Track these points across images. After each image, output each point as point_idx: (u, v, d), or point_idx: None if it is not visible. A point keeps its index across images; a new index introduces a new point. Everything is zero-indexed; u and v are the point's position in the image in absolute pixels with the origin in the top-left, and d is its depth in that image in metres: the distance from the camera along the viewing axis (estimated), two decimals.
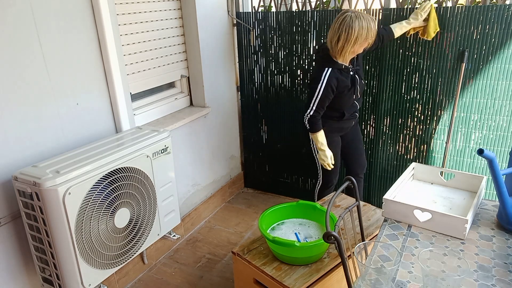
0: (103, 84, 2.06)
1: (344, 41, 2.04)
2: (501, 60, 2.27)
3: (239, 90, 3.23)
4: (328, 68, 2.12)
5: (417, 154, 2.68)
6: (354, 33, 2.00)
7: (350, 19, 2.00)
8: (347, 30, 2.00)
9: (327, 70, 2.11)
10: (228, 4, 2.94)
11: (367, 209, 2.16)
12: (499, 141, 2.42)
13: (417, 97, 2.56)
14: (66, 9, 1.82)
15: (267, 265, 1.71)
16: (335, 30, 2.04)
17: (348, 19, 2.00)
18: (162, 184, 2.09)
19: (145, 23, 2.39)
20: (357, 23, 1.99)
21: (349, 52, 2.08)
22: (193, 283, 2.40)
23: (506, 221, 1.38)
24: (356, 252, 1.15)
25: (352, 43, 2.03)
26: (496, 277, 1.16)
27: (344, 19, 2.01)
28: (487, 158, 1.25)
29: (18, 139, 1.70)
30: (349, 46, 2.05)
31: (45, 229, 1.62)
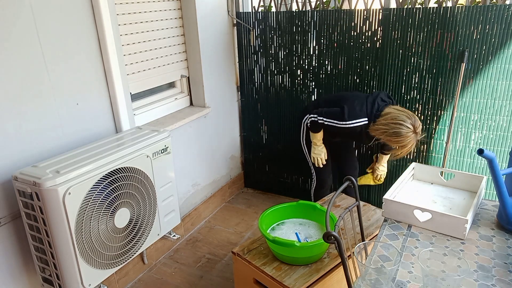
0: (103, 84, 2.06)
1: (385, 137, 2.11)
2: (501, 60, 2.27)
3: (239, 90, 3.23)
4: (367, 122, 2.18)
5: (417, 154, 2.68)
6: (398, 141, 2.07)
7: (410, 136, 2.04)
8: (397, 138, 2.06)
9: (364, 122, 2.18)
10: (228, 4, 2.94)
11: (367, 209, 2.15)
12: (499, 141, 2.42)
13: (417, 97, 2.56)
14: (66, 9, 1.82)
15: (267, 265, 1.71)
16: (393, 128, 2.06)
17: (410, 135, 2.04)
18: (162, 184, 2.09)
19: (145, 23, 2.39)
20: (409, 141, 2.05)
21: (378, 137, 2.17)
22: (193, 283, 2.40)
23: (506, 221, 1.38)
24: (356, 252, 1.15)
25: (387, 140, 2.12)
26: (496, 277, 1.16)
27: (406, 133, 2.04)
28: (487, 158, 1.25)
29: (18, 139, 1.70)
30: (383, 139, 2.13)
31: (45, 229, 1.62)
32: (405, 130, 2.02)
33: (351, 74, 2.71)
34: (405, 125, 2.02)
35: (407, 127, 2.02)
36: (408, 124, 2.03)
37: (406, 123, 2.02)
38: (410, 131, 2.02)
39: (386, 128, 2.07)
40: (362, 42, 2.61)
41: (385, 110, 2.14)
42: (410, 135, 2.02)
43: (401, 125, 2.03)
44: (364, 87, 2.70)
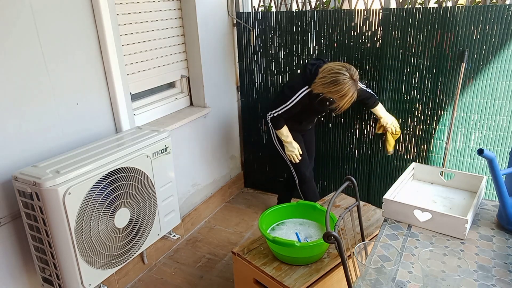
0: (103, 84, 2.06)
1: (325, 89, 2.16)
2: (501, 60, 2.27)
3: (239, 90, 3.23)
4: (308, 88, 2.26)
5: (417, 154, 2.68)
6: (337, 90, 2.11)
7: (348, 83, 2.10)
8: (336, 87, 2.11)
9: (306, 89, 2.27)
10: (228, 4, 2.94)
11: (367, 209, 2.16)
12: (499, 141, 2.42)
13: (417, 97, 2.56)
14: (66, 9, 1.82)
15: (267, 265, 1.71)
16: (330, 78, 2.12)
17: (347, 81, 2.10)
18: (162, 184, 2.09)
19: (145, 23, 2.39)
20: (348, 88, 2.10)
21: (320, 92, 2.21)
22: (193, 283, 2.40)
23: (506, 221, 1.38)
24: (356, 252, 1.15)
25: (328, 92, 2.16)
26: (496, 277, 1.16)
27: (344, 80, 2.10)
28: (487, 158, 1.25)
29: (18, 139, 1.70)
30: (325, 92, 2.18)
31: (45, 229, 1.62)
32: (342, 77, 2.08)
33: None
34: (341, 72, 2.09)
35: (344, 74, 2.09)
36: (344, 71, 2.09)
37: (342, 71, 2.09)
38: (347, 77, 2.08)
39: (324, 80, 2.13)
40: (362, 42, 2.61)
41: (320, 69, 2.20)
42: (347, 82, 2.08)
43: (338, 73, 2.09)
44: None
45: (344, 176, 2.98)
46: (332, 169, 3.03)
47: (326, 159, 3.01)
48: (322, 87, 2.15)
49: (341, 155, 2.95)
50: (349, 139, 2.87)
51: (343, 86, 2.08)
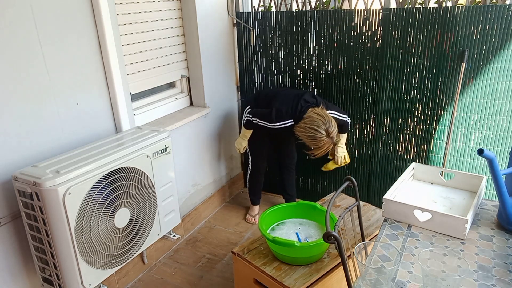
0: (103, 84, 2.06)
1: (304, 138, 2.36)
2: (501, 60, 2.27)
3: (239, 90, 3.23)
4: (292, 123, 2.43)
5: (417, 154, 2.68)
6: (313, 143, 2.32)
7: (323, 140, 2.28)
8: (313, 141, 2.31)
9: (290, 123, 2.44)
10: (228, 4, 2.94)
11: (367, 209, 2.15)
12: (499, 141, 2.42)
13: (417, 97, 2.56)
14: (66, 9, 1.82)
15: (267, 265, 1.71)
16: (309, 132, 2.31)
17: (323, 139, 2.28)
18: (162, 184, 2.09)
19: (145, 23, 2.39)
20: (322, 144, 2.30)
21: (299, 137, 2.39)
22: (193, 283, 2.40)
23: (506, 221, 1.38)
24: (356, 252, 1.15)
25: (306, 141, 2.36)
26: (496, 277, 1.16)
27: (320, 137, 2.28)
28: (487, 158, 1.25)
29: (18, 139, 1.70)
30: (303, 139, 2.36)
31: (45, 229, 1.62)
32: (319, 135, 2.27)
33: (351, 74, 2.72)
34: (319, 130, 2.27)
35: (321, 132, 2.27)
36: (322, 130, 2.26)
37: (320, 129, 2.26)
38: (323, 136, 2.27)
39: (304, 131, 2.32)
40: (362, 42, 2.61)
41: (307, 113, 2.35)
42: (323, 139, 2.28)
43: (316, 131, 2.27)
44: (364, 87, 2.70)
45: (344, 176, 2.98)
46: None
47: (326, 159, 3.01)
48: (302, 135, 2.34)
49: None
50: (349, 139, 2.87)
51: (318, 142, 2.29)
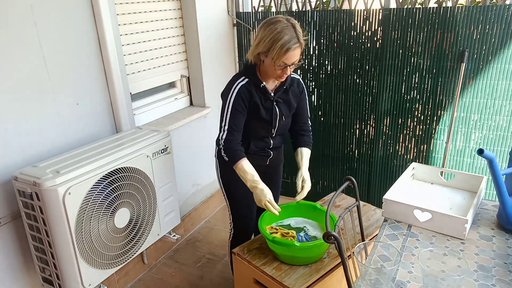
0: (103, 84, 2.06)
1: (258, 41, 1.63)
2: (501, 60, 2.27)
3: None
4: (244, 77, 1.71)
5: (417, 154, 2.68)
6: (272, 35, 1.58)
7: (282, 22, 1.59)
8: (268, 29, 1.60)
9: (242, 79, 1.71)
10: (228, 4, 2.94)
11: (367, 209, 2.15)
12: (499, 141, 2.42)
13: (417, 97, 2.56)
14: (66, 9, 1.82)
15: (267, 265, 1.71)
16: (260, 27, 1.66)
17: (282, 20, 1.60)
18: (162, 184, 2.09)
19: (145, 23, 2.39)
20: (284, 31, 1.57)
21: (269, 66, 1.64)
22: (193, 283, 2.40)
23: (506, 221, 1.38)
24: (356, 252, 1.15)
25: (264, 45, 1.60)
26: (496, 277, 1.16)
27: (277, 20, 1.60)
28: (487, 158, 1.25)
29: (18, 139, 1.70)
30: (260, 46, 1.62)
31: (45, 229, 1.62)
32: (275, 19, 1.59)
33: (351, 74, 2.72)
34: (271, 19, 1.61)
35: (276, 19, 1.60)
36: (273, 18, 1.61)
37: (269, 19, 1.62)
38: (281, 17, 1.60)
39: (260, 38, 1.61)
40: (362, 42, 2.61)
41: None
42: (282, 21, 1.58)
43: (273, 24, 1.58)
44: (364, 87, 2.70)
45: (344, 176, 2.98)
46: (332, 169, 3.02)
47: (326, 159, 3.01)
48: (253, 48, 1.66)
49: (341, 155, 2.95)
50: (349, 139, 2.87)
51: (272, 26, 1.57)
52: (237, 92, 1.68)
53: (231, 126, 1.69)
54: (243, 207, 1.96)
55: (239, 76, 1.73)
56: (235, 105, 1.68)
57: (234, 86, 1.69)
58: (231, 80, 1.75)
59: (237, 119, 1.70)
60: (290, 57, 1.59)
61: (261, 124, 1.79)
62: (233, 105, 1.68)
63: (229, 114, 1.69)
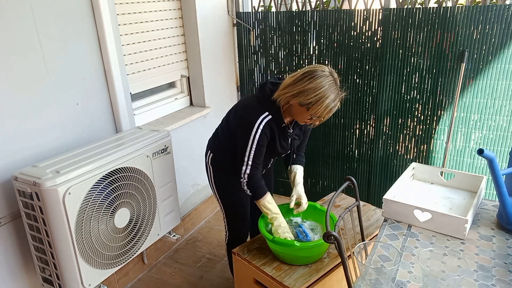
0: (103, 84, 2.06)
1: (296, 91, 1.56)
2: (501, 60, 2.27)
3: (239, 90, 3.23)
4: (267, 113, 1.64)
5: (417, 154, 2.68)
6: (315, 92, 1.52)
7: (327, 78, 1.54)
8: (313, 84, 1.52)
9: (265, 116, 1.63)
10: (228, 4, 2.94)
11: (367, 209, 2.15)
12: (499, 141, 2.42)
13: (417, 97, 2.56)
14: (66, 9, 1.82)
15: (267, 265, 1.71)
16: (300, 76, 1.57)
17: (326, 74, 1.54)
18: (162, 184, 2.09)
19: (145, 23, 2.39)
20: (329, 87, 1.53)
21: (299, 113, 1.61)
22: (193, 283, 2.40)
23: (506, 221, 1.38)
24: (356, 252, 1.15)
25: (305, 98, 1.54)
26: (496, 277, 1.16)
27: (321, 73, 1.54)
28: (487, 158, 1.25)
29: (18, 139, 1.70)
30: (298, 98, 1.56)
31: (45, 229, 1.62)
32: (318, 72, 1.53)
33: (351, 74, 2.72)
34: (315, 68, 1.55)
35: (319, 68, 1.54)
36: (318, 67, 1.56)
37: (315, 67, 1.56)
38: (325, 71, 1.54)
39: (291, 87, 1.56)
40: (362, 42, 2.61)
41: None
42: (327, 75, 1.53)
43: (310, 69, 1.55)
44: (364, 87, 2.70)
45: (344, 176, 2.98)
46: (332, 169, 3.03)
47: (326, 159, 3.01)
48: (288, 92, 1.57)
49: (341, 155, 2.95)
50: (349, 139, 2.87)
51: (320, 81, 1.51)
52: (262, 128, 1.63)
53: (255, 162, 1.67)
54: (238, 211, 1.99)
55: (262, 109, 1.65)
56: (260, 141, 1.64)
57: (259, 121, 1.63)
58: (251, 110, 1.67)
59: (261, 155, 1.68)
60: (331, 113, 1.59)
61: (273, 155, 1.82)
62: (258, 141, 1.64)
63: (254, 150, 1.65)
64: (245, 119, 1.67)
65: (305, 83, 1.53)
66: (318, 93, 1.51)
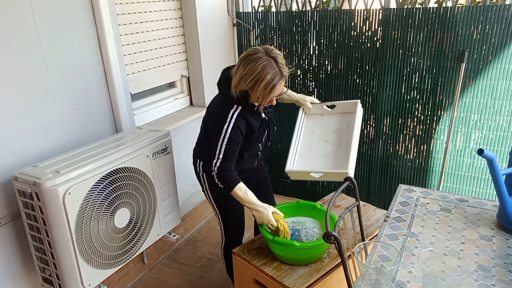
0: (103, 84, 2.06)
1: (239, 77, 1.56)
2: (501, 60, 2.27)
3: None
4: (237, 106, 1.65)
5: (417, 154, 2.68)
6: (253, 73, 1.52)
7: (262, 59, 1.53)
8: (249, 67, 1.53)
9: (235, 108, 1.65)
10: (228, 4, 2.94)
11: (367, 209, 2.15)
12: (499, 141, 2.42)
13: (417, 97, 2.56)
14: (66, 9, 1.82)
15: (267, 265, 1.71)
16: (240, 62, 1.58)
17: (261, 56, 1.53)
18: (162, 184, 2.09)
19: (145, 23, 2.39)
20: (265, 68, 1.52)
21: (255, 99, 1.62)
22: (193, 283, 2.40)
23: (506, 221, 1.38)
24: (356, 252, 1.15)
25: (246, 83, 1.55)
26: (496, 277, 1.16)
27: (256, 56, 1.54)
28: (487, 158, 1.25)
29: (18, 139, 1.70)
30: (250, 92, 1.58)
31: (45, 229, 1.62)
32: (254, 55, 1.53)
33: (351, 74, 2.72)
34: (252, 50, 1.55)
35: (257, 49, 1.54)
36: (251, 52, 1.55)
37: (248, 55, 1.55)
38: (260, 52, 1.53)
39: (240, 76, 1.55)
40: (362, 42, 2.61)
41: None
42: (262, 57, 1.51)
43: (248, 53, 1.55)
44: (364, 87, 2.70)
45: None
46: None
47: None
48: (233, 82, 1.58)
49: None
50: None
51: (252, 65, 1.51)
52: (234, 121, 1.63)
53: (227, 155, 1.65)
54: (234, 216, 1.99)
55: (230, 104, 1.65)
56: (233, 135, 1.64)
57: (230, 114, 1.64)
58: (220, 108, 1.68)
59: (233, 149, 1.67)
60: (275, 92, 1.58)
61: (258, 140, 1.82)
62: (231, 135, 1.63)
63: (225, 143, 1.64)
64: (217, 115, 1.68)
65: (241, 70, 1.54)
66: (252, 77, 1.52)
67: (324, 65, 2.80)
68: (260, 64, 1.51)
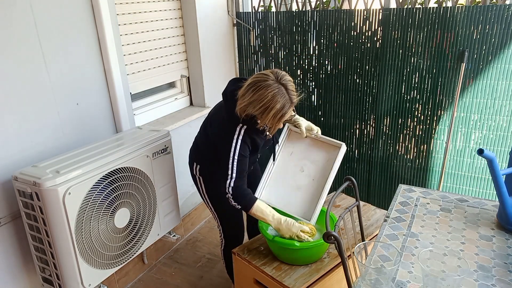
0: (103, 84, 2.06)
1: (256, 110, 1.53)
2: (501, 60, 2.27)
3: None
4: (243, 125, 1.63)
5: (417, 154, 2.68)
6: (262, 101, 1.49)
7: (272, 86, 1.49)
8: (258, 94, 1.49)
9: (241, 127, 1.63)
10: (228, 4, 2.94)
11: (367, 209, 2.15)
12: (499, 141, 2.42)
13: (417, 97, 2.56)
14: (66, 9, 1.82)
15: (267, 265, 1.71)
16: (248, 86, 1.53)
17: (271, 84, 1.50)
18: (162, 184, 2.09)
19: (145, 23, 2.39)
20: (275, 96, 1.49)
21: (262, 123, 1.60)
22: (193, 283, 2.40)
23: (506, 221, 1.38)
24: (356, 252, 1.15)
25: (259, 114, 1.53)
26: (496, 277, 1.16)
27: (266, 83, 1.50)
28: (487, 158, 1.25)
29: (18, 139, 1.70)
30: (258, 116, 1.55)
31: (45, 229, 1.62)
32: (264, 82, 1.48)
33: (351, 74, 2.72)
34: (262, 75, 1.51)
35: (266, 75, 1.50)
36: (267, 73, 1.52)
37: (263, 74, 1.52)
38: (271, 79, 1.49)
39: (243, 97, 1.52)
40: (362, 42, 2.61)
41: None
42: (272, 85, 1.47)
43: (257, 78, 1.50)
44: (364, 87, 2.70)
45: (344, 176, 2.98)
46: None
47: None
48: (240, 104, 1.54)
49: None
50: (349, 139, 2.87)
51: (262, 92, 1.47)
52: (242, 138, 1.63)
53: (239, 173, 1.65)
54: (233, 217, 1.98)
55: (236, 123, 1.63)
56: (242, 151, 1.63)
57: (236, 133, 1.63)
58: (227, 127, 1.65)
59: (244, 165, 1.67)
60: (284, 119, 1.57)
61: (258, 151, 1.83)
62: (240, 152, 1.63)
63: (236, 162, 1.63)
64: (222, 132, 1.67)
65: (250, 95, 1.50)
66: (262, 105, 1.48)
67: (324, 65, 2.80)
68: (270, 93, 1.47)
